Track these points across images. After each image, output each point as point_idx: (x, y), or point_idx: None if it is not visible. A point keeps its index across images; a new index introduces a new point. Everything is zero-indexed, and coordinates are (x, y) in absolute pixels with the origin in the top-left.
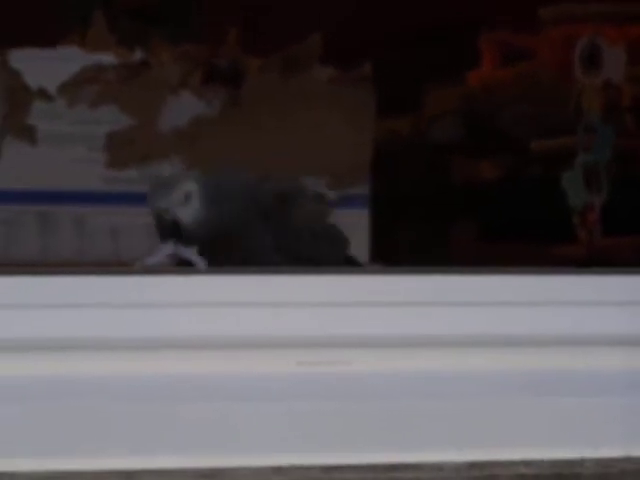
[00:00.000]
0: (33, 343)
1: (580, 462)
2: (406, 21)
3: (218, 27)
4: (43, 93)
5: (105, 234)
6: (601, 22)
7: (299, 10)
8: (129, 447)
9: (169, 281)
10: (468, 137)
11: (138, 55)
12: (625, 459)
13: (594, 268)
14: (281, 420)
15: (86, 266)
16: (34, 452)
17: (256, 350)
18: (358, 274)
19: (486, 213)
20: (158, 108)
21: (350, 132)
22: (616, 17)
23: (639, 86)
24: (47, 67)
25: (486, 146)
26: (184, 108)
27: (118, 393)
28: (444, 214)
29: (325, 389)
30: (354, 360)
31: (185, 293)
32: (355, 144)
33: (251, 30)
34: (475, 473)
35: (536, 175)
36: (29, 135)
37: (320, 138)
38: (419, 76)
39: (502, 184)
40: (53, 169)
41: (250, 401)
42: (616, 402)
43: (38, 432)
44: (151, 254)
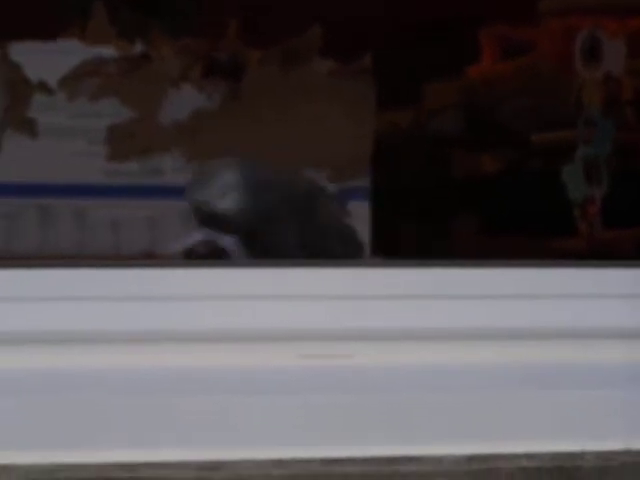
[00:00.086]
0: (33, 336)
1: (581, 455)
2: (406, 13)
3: (218, 20)
4: (43, 86)
5: (106, 227)
6: (601, 15)
7: (299, 3)
8: (131, 440)
9: (170, 274)
10: (469, 130)
11: (138, 48)
12: (626, 452)
13: (595, 261)
14: (282, 413)
15: (86, 259)
16: (35, 445)
17: (257, 343)
18: (359, 267)
19: (487, 206)
20: (159, 101)
21: (350, 125)
22: (616, 9)
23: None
24: (47, 60)
25: (487, 139)
26: (185, 101)
27: (120, 386)
28: (445, 207)
29: (326, 382)
30: (355, 353)
31: (186, 286)
32: (355, 137)
33: (251, 23)
34: (476, 466)
35: (536, 168)
36: (29, 128)
37: (320, 131)
38: (419, 69)
39: (503, 177)
40: (53, 162)
41: (251, 394)
42: (617, 395)
43: (40, 425)
44: (181, 239)
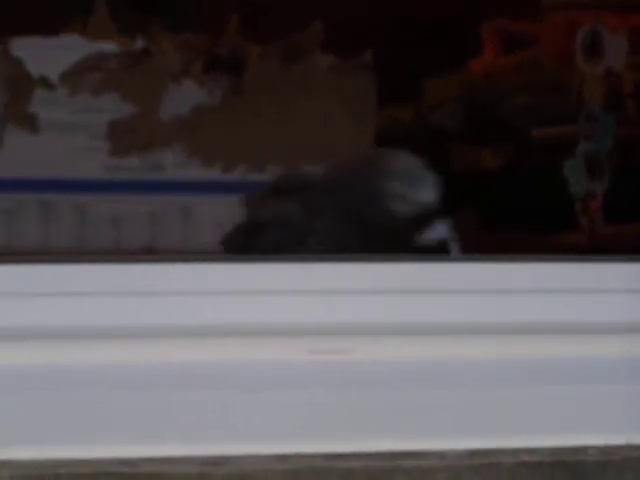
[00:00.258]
0: (35, 331)
1: (583, 449)
2: (407, 9)
3: (219, 15)
4: (45, 81)
5: (107, 222)
6: (602, 10)
7: None
8: (133, 435)
9: (173, 269)
10: (470, 125)
11: (139, 43)
12: (628, 447)
13: (596, 256)
14: (284, 408)
15: (87, 254)
16: (36, 440)
17: (260, 338)
18: (361, 262)
19: (488, 201)
20: (159, 96)
21: (351, 120)
22: (617, 5)
23: None
24: (49, 55)
25: (488, 134)
26: (185, 96)
27: (122, 381)
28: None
29: (329, 377)
30: (357, 348)
31: (188, 281)
32: (356, 132)
33: (252, 18)
34: (478, 461)
35: (538, 163)
36: (30, 123)
37: (321, 126)
38: (420, 64)
39: (504, 172)
40: (54, 157)
41: (254, 389)
42: (619, 390)
43: (41, 420)
44: (427, 231)
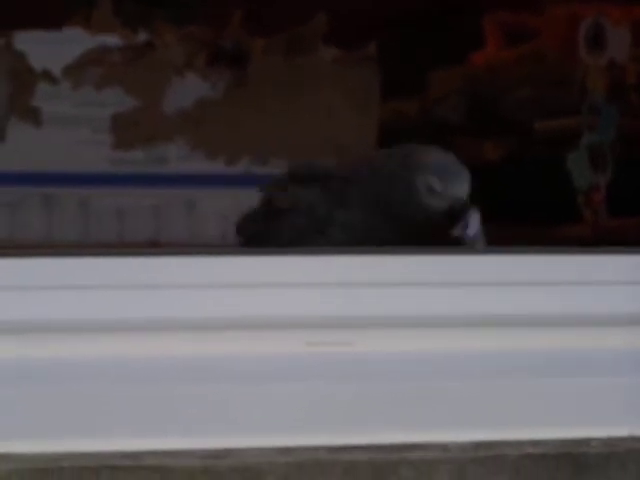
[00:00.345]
0: (38, 325)
1: (586, 441)
2: (411, 1)
3: (222, 8)
4: (48, 75)
5: (111, 215)
6: (605, 2)
7: None
8: (135, 428)
9: (176, 262)
10: (473, 118)
11: (143, 37)
12: (631, 438)
13: (600, 248)
14: (287, 400)
15: (91, 248)
16: (39, 434)
17: (262, 331)
18: (363, 254)
19: (491, 194)
20: (163, 90)
21: (355, 112)
22: None
23: None
24: (52, 49)
25: (491, 127)
26: (189, 89)
27: (125, 374)
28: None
29: (332, 369)
30: (359, 341)
31: (191, 274)
32: (360, 124)
33: (255, 11)
34: (482, 453)
35: (541, 156)
36: (34, 117)
37: (325, 118)
38: (424, 56)
39: (507, 165)
40: (58, 151)
41: (257, 382)
42: (622, 382)
43: (44, 413)
44: (466, 225)
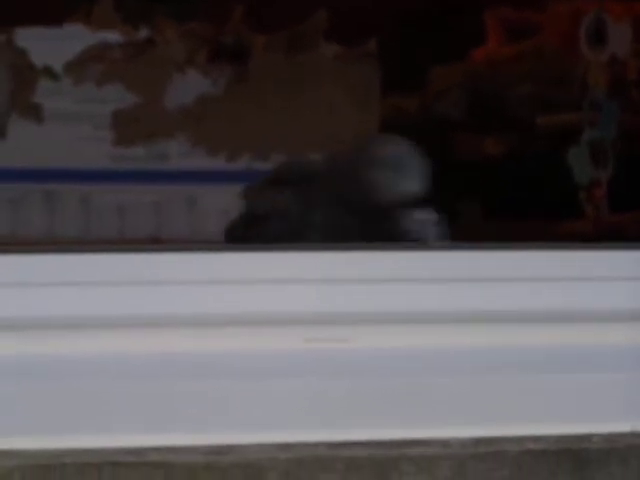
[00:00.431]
0: (40, 321)
1: (587, 437)
2: None
3: (223, 4)
4: (49, 71)
5: (111, 212)
6: None
7: None
8: (138, 425)
9: (176, 258)
10: (474, 114)
11: (143, 33)
12: (632, 434)
13: (601, 243)
14: (288, 397)
15: (92, 244)
16: (42, 430)
17: (263, 327)
18: (359, 250)
19: (493, 189)
20: (164, 86)
21: (355, 108)
22: None
23: None
24: (53, 45)
25: (492, 123)
26: (190, 86)
27: (127, 370)
28: (451, 191)
29: (332, 366)
30: (360, 337)
31: (191, 271)
32: (360, 120)
33: (256, 7)
34: (483, 449)
35: (542, 151)
36: (35, 113)
37: (325, 114)
38: (424, 52)
39: (508, 160)
40: (59, 147)
41: (258, 378)
42: (623, 377)
43: (47, 410)
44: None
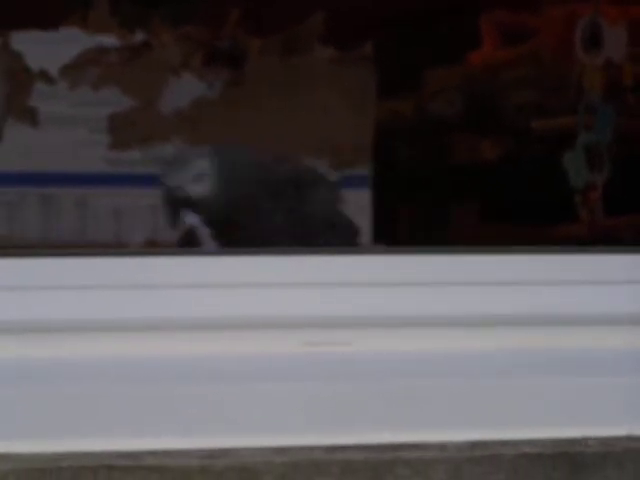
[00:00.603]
0: (36, 325)
1: (583, 441)
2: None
3: (219, 8)
4: (44, 75)
5: (108, 216)
6: (602, 1)
7: None
8: (134, 428)
9: (173, 262)
10: (469, 117)
11: (139, 37)
12: (628, 438)
13: (597, 247)
14: (284, 400)
15: (88, 248)
16: (38, 434)
17: (259, 331)
18: (358, 254)
19: (488, 193)
20: (160, 90)
21: (351, 112)
22: None
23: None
24: (48, 49)
25: (487, 126)
26: (185, 89)
27: (123, 374)
28: (446, 194)
29: (328, 369)
30: (356, 340)
31: (189, 274)
32: (356, 124)
33: (252, 11)
34: (479, 452)
35: (537, 155)
36: (30, 117)
37: (321, 118)
38: (420, 56)
39: (504, 164)
40: (55, 151)
41: (254, 382)
42: (619, 381)
43: (43, 414)
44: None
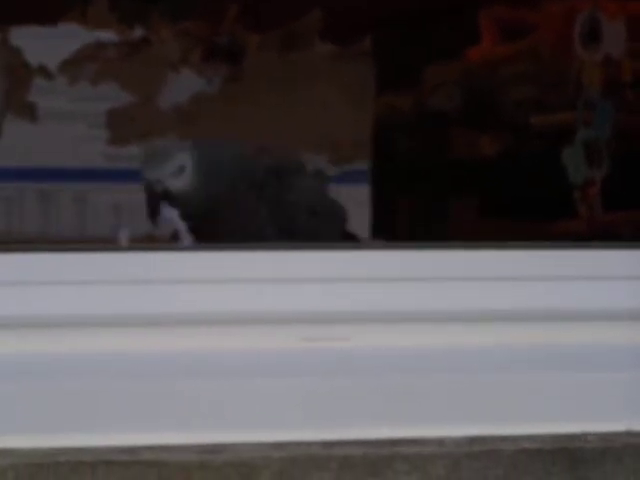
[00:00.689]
0: (34, 320)
1: (582, 436)
2: None
3: (218, 4)
4: (44, 70)
5: (107, 211)
6: None
7: None
8: (132, 423)
9: (171, 257)
10: (468, 113)
11: (138, 32)
12: (627, 433)
13: (595, 243)
14: (282, 396)
15: (87, 243)
16: (36, 429)
17: (257, 326)
18: (357, 249)
19: (487, 188)
20: (158, 85)
21: (350, 107)
22: None
23: (639, 61)
24: (48, 44)
25: (486, 121)
26: (184, 85)
27: (121, 369)
28: (445, 190)
29: (326, 365)
30: (354, 336)
31: (186, 269)
32: (355, 119)
33: (251, 6)
34: (477, 448)
35: (536, 151)
36: (29, 112)
37: (320, 113)
38: (419, 51)
39: (503, 160)
40: (54, 146)
41: (252, 377)
42: (618, 377)
43: (41, 409)
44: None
